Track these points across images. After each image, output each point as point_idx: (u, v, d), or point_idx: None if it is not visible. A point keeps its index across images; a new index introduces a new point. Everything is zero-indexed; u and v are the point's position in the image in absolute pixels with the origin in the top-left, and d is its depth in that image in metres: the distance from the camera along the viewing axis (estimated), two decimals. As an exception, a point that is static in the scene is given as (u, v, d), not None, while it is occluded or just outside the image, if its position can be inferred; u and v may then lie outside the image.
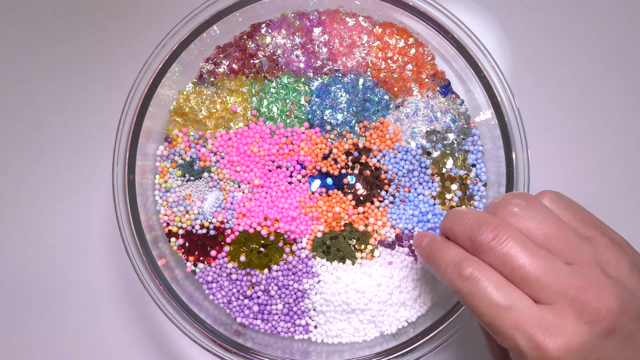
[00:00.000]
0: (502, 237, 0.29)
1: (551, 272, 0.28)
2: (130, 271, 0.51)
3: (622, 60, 0.53)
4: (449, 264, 0.31)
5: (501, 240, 0.29)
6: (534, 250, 0.29)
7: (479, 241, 0.30)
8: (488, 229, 0.30)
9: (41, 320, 0.53)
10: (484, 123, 0.46)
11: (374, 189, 0.46)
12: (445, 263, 0.31)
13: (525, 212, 0.31)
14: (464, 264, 0.30)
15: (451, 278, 0.31)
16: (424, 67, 0.47)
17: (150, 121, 0.45)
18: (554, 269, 0.28)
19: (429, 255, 0.33)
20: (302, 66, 0.47)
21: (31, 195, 0.54)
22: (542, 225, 0.30)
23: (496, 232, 0.30)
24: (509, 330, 0.28)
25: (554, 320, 0.28)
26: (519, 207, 0.31)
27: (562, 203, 0.32)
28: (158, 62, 0.44)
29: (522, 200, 0.31)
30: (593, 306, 0.27)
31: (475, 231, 0.30)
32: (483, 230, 0.30)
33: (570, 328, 0.27)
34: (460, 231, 0.32)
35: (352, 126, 0.47)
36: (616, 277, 0.29)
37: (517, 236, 0.29)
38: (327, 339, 0.46)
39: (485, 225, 0.30)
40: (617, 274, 0.29)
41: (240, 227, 0.46)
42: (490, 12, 0.54)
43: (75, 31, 0.56)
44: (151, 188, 0.47)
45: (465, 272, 0.29)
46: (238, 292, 0.46)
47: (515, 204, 0.31)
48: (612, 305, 0.27)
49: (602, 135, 0.53)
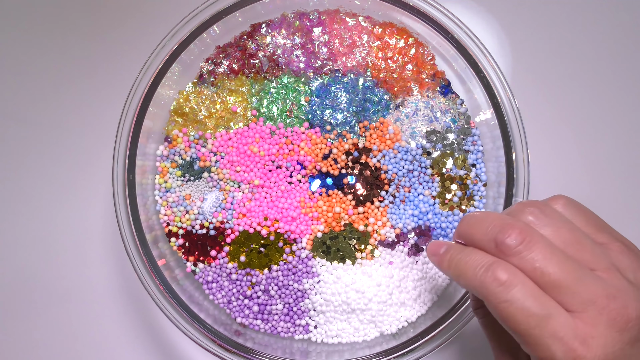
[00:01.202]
0: (530, 241, 0.28)
1: (580, 279, 0.28)
2: (130, 271, 0.51)
3: (622, 60, 0.53)
4: (478, 267, 0.29)
5: (529, 245, 0.28)
6: (562, 256, 0.28)
7: (506, 244, 0.29)
8: (515, 231, 0.29)
9: (41, 320, 0.53)
10: (484, 123, 0.46)
11: (374, 189, 0.46)
12: (474, 267, 0.29)
13: (540, 220, 0.30)
14: (497, 268, 0.28)
15: (483, 282, 0.28)
16: (424, 67, 0.47)
17: (150, 121, 0.45)
18: (582, 276, 0.28)
19: (451, 261, 0.32)
20: (302, 66, 0.47)
21: (31, 196, 0.54)
22: (558, 233, 0.29)
23: (523, 235, 0.28)
24: (545, 340, 0.27)
25: (588, 329, 0.27)
26: (533, 215, 0.30)
27: (574, 208, 0.32)
28: (158, 62, 0.44)
29: (536, 208, 0.30)
30: (623, 313, 0.27)
31: (501, 234, 0.29)
32: (510, 233, 0.29)
33: (604, 337, 0.27)
34: (480, 235, 0.30)
35: (352, 126, 0.47)
36: (636, 283, 0.29)
37: (544, 241, 0.29)
38: (327, 339, 0.46)
39: (510, 227, 0.29)
40: (636, 280, 0.29)
41: (240, 227, 0.46)
42: (490, 12, 0.54)
43: (76, 31, 0.56)
44: (151, 188, 0.47)
45: (501, 276, 0.28)
46: (238, 292, 0.46)
47: (529, 212, 0.30)
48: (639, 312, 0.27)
49: (602, 135, 0.53)
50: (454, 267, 0.31)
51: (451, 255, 0.32)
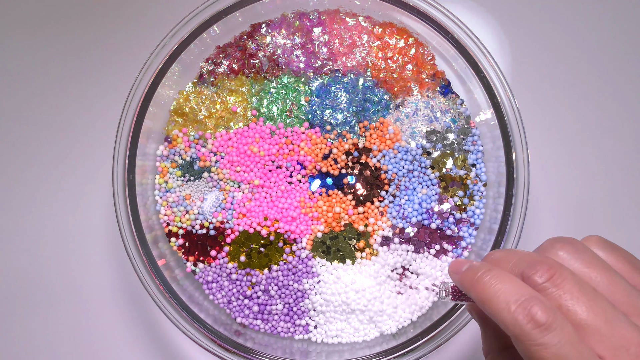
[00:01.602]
0: (559, 278, 0.26)
1: (611, 322, 0.26)
2: (130, 271, 0.51)
3: (622, 60, 0.53)
4: (512, 301, 0.26)
5: (557, 282, 0.26)
6: (593, 295, 0.26)
7: (534, 280, 0.27)
8: (543, 267, 0.27)
9: (41, 320, 0.53)
10: (484, 123, 0.46)
11: (374, 189, 0.46)
12: (506, 299, 0.26)
13: (571, 256, 0.28)
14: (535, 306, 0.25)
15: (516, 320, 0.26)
16: (424, 67, 0.47)
17: (150, 121, 0.45)
18: (614, 318, 0.26)
19: (477, 282, 0.28)
20: (302, 66, 0.47)
21: (31, 195, 0.54)
22: (590, 271, 0.28)
23: (552, 272, 0.27)
24: None
25: None
26: (564, 250, 0.28)
27: (608, 248, 0.30)
28: (158, 62, 0.44)
29: (568, 244, 0.29)
30: None
31: (528, 269, 0.27)
32: (538, 269, 0.27)
33: None
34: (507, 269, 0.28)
35: (352, 126, 0.47)
36: None
37: (574, 278, 0.27)
38: (327, 339, 0.46)
39: (539, 263, 0.27)
40: None
41: (240, 227, 0.46)
42: (490, 12, 0.54)
43: (75, 31, 0.56)
44: (151, 188, 0.47)
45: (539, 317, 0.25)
46: (238, 292, 0.46)
47: (561, 248, 0.29)
48: None
49: (602, 134, 0.53)
50: (481, 291, 0.28)
51: (479, 276, 0.28)
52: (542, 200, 0.52)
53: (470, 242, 0.46)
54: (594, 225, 0.51)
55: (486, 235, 0.45)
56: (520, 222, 0.42)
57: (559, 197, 0.52)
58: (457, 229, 0.46)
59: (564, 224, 0.52)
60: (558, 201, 0.52)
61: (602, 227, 0.51)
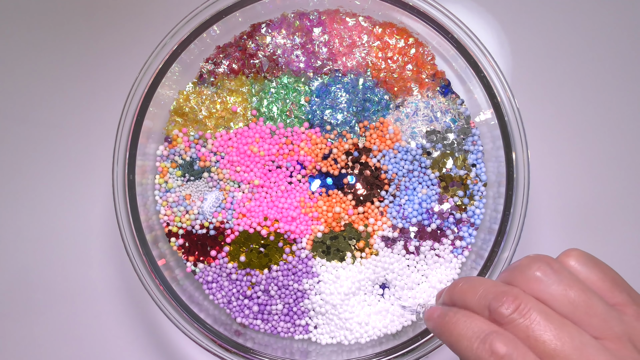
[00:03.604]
0: (524, 308, 0.26)
1: (579, 349, 0.25)
2: (130, 271, 0.51)
3: (622, 60, 0.53)
4: (474, 338, 0.27)
5: (523, 312, 0.26)
6: (560, 323, 0.26)
7: (500, 312, 0.27)
8: (509, 299, 0.27)
9: (41, 320, 0.53)
10: (484, 123, 0.46)
11: (374, 189, 0.46)
12: (469, 337, 0.27)
13: (548, 277, 0.28)
14: (495, 340, 0.26)
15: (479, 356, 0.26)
16: (424, 67, 0.47)
17: (150, 121, 0.45)
18: (582, 345, 0.25)
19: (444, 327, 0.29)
20: (302, 66, 0.47)
21: (31, 195, 0.54)
22: (566, 293, 0.27)
23: (517, 302, 0.27)
24: None
25: None
26: (541, 271, 0.28)
27: (590, 263, 0.29)
28: (158, 62, 0.44)
29: (544, 264, 0.28)
30: None
31: (494, 301, 0.27)
32: (504, 300, 0.27)
33: None
34: (474, 301, 0.28)
35: (352, 126, 0.47)
36: None
37: (540, 307, 0.27)
38: (327, 339, 0.46)
39: (504, 294, 0.27)
40: None
41: (240, 227, 0.46)
42: (490, 12, 0.54)
43: (76, 31, 0.56)
44: (151, 188, 0.47)
45: (499, 349, 0.25)
46: (238, 292, 0.46)
47: (537, 268, 0.28)
48: None
49: (602, 134, 0.53)
50: (448, 335, 0.28)
51: (444, 321, 0.29)
52: (542, 200, 0.52)
53: (470, 242, 0.46)
54: (594, 225, 0.51)
55: (486, 235, 0.45)
56: (520, 222, 0.42)
57: (558, 197, 0.52)
58: (457, 229, 0.46)
59: (564, 223, 0.52)
60: (558, 201, 0.52)
61: (602, 227, 0.51)
